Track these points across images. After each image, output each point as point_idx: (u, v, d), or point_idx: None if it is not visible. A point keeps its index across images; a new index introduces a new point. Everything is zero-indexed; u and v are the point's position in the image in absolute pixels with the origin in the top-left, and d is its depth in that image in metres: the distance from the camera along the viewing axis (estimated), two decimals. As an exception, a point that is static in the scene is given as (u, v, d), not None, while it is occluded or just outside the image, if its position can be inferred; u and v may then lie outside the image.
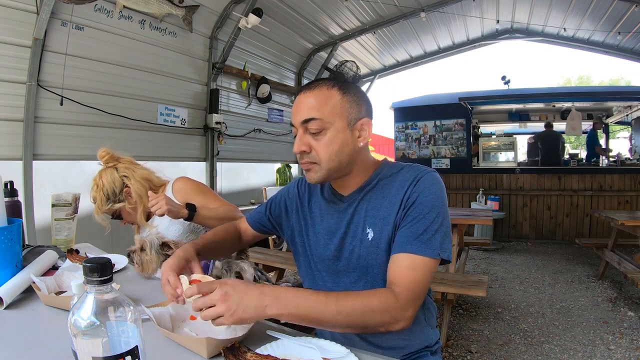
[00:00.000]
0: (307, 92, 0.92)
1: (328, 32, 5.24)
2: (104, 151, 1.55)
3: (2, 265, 1.01)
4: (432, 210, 0.87)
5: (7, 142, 2.51)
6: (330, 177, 0.94)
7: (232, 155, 4.39)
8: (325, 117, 0.89)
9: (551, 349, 2.48)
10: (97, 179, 1.53)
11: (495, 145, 7.07)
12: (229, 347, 0.71)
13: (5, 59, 2.45)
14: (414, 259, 0.83)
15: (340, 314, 0.75)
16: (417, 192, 0.88)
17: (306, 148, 0.91)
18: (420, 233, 0.85)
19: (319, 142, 0.90)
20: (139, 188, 1.52)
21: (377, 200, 0.94)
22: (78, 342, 0.46)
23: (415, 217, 0.86)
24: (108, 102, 3.04)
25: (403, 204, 0.89)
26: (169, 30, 3.50)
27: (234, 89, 4.43)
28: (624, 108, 6.94)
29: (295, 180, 1.17)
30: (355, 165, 0.95)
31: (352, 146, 0.92)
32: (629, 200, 5.49)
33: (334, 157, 0.91)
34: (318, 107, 0.89)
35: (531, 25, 6.04)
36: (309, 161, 0.92)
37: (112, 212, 1.56)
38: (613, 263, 3.41)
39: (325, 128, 0.89)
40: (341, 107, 0.91)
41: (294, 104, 0.95)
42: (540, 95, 6.52)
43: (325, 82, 0.93)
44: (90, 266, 0.47)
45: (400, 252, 0.85)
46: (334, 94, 0.91)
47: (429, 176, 0.92)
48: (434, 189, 0.90)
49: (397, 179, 0.94)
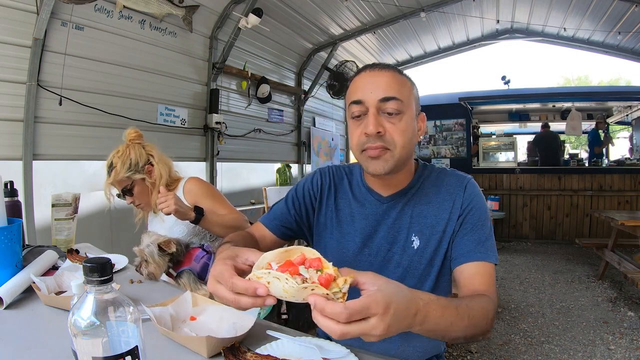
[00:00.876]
0: (383, 70, 0.84)
1: (328, 32, 5.23)
2: (135, 130, 1.57)
3: (2, 265, 1.01)
4: (487, 217, 0.88)
5: (7, 142, 2.50)
6: (396, 168, 0.85)
7: (232, 155, 4.39)
8: (404, 99, 0.82)
9: (551, 349, 2.48)
10: (121, 148, 1.53)
11: (495, 145, 7.07)
12: (229, 346, 0.71)
13: (5, 59, 2.45)
14: (486, 267, 0.82)
15: (469, 327, 0.68)
16: (469, 200, 0.87)
17: (382, 129, 0.81)
18: (484, 240, 0.84)
19: (394, 125, 0.82)
20: (162, 170, 1.53)
21: (423, 206, 0.89)
22: (78, 342, 0.46)
23: (475, 225, 0.85)
24: (108, 102, 3.03)
25: (458, 212, 0.86)
26: (169, 30, 3.50)
27: (234, 89, 4.43)
28: (624, 108, 6.95)
29: (315, 172, 1.03)
30: (408, 162, 0.89)
31: (416, 139, 0.87)
32: (629, 200, 5.49)
33: (407, 146, 0.83)
34: (398, 88, 0.82)
35: (531, 25, 6.03)
36: (382, 145, 0.82)
37: (126, 184, 1.52)
38: (613, 263, 3.41)
39: (402, 112, 0.82)
40: (413, 96, 0.86)
41: (362, 81, 0.84)
42: (540, 95, 6.53)
43: (390, 67, 0.86)
44: (90, 266, 0.46)
45: (472, 261, 0.83)
46: (406, 80, 0.86)
47: (473, 182, 0.91)
48: (481, 195, 0.90)
49: (441, 185, 0.90)
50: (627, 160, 6.67)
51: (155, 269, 1.21)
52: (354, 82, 0.86)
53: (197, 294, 0.95)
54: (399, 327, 0.56)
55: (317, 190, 0.99)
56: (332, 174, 1.02)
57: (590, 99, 6.75)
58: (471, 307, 0.70)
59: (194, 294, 0.93)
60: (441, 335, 0.66)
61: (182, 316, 0.87)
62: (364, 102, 0.82)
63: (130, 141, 1.56)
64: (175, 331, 0.80)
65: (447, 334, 0.66)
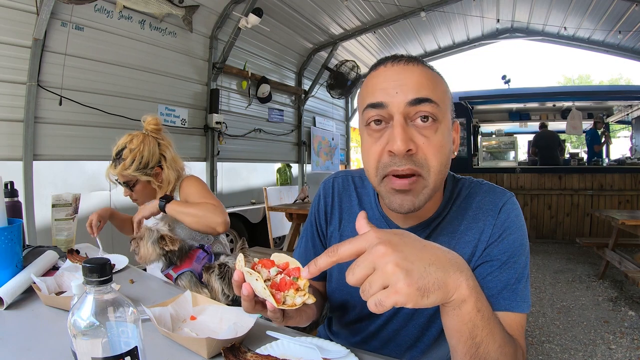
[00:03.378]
0: (411, 64, 0.62)
1: (328, 32, 5.23)
2: (155, 120, 1.47)
3: (3, 266, 1.01)
4: (522, 252, 0.67)
5: (7, 143, 2.51)
6: (428, 200, 0.63)
7: (232, 155, 4.39)
8: (440, 103, 0.61)
9: (552, 348, 2.48)
10: (136, 140, 1.42)
11: (496, 145, 7.06)
12: (229, 347, 0.70)
13: (5, 59, 2.45)
14: (514, 317, 0.63)
15: (501, 347, 0.54)
16: (502, 227, 0.67)
17: (413, 146, 0.60)
18: (513, 282, 0.64)
19: (429, 140, 0.60)
20: (170, 176, 1.47)
21: (445, 237, 0.70)
22: (78, 343, 0.46)
23: (505, 261, 0.65)
24: (108, 103, 3.04)
25: (484, 245, 0.67)
26: (169, 30, 3.50)
27: (234, 89, 4.43)
28: (624, 107, 6.94)
29: (319, 189, 0.88)
30: (440, 187, 0.68)
31: (451, 158, 0.66)
32: (629, 200, 5.49)
33: (444, 168, 0.62)
34: (432, 87, 0.61)
35: (531, 24, 6.03)
36: (413, 170, 0.60)
37: (130, 180, 1.45)
38: (614, 262, 3.40)
39: (438, 120, 0.61)
40: (449, 99, 0.65)
41: (381, 77, 0.62)
42: (541, 95, 6.52)
43: (419, 60, 0.65)
44: (89, 267, 0.46)
45: (496, 311, 0.62)
46: (439, 78, 0.65)
47: (512, 204, 0.70)
48: (521, 221, 0.69)
49: (469, 208, 0.71)
50: (628, 160, 6.67)
51: (145, 253, 1.17)
52: (371, 79, 0.65)
53: (197, 294, 0.95)
54: (424, 262, 0.46)
55: (323, 214, 0.84)
56: (338, 188, 0.84)
57: (591, 99, 6.75)
58: (506, 335, 0.57)
59: (194, 294, 0.93)
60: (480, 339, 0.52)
61: (182, 316, 0.87)
62: (386, 106, 0.60)
63: (148, 131, 1.47)
64: (175, 331, 0.80)
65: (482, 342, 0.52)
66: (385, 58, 0.66)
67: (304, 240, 0.89)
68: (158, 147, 1.47)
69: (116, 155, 1.43)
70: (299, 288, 0.55)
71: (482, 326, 0.52)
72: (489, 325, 0.53)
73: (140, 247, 1.19)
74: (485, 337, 0.53)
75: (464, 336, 0.52)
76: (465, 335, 0.52)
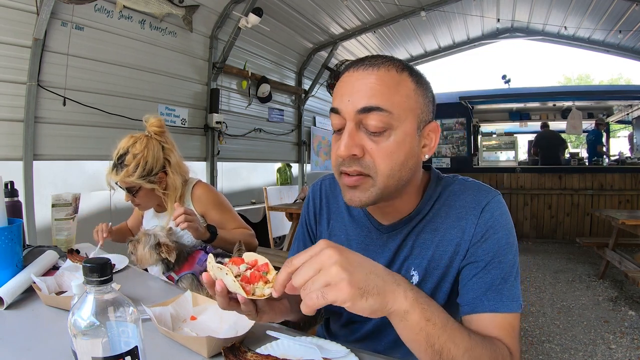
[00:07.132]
0: (369, 68, 0.64)
1: (328, 32, 5.23)
2: (159, 122, 1.41)
3: (3, 266, 1.01)
4: (507, 251, 0.67)
5: (7, 142, 2.50)
6: (381, 199, 0.67)
7: (232, 155, 4.39)
8: (394, 110, 0.62)
9: (552, 348, 2.48)
10: (139, 144, 1.35)
11: (496, 145, 7.07)
12: (229, 346, 0.70)
13: (5, 59, 2.45)
14: (502, 318, 0.64)
15: (468, 351, 0.55)
16: (485, 226, 0.68)
17: (359, 151, 0.64)
18: (498, 283, 0.65)
19: (378, 145, 0.63)
20: (176, 181, 1.41)
21: (427, 235, 0.73)
22: (78, 343, 0.46)
23: (489, 262, 0.67)
24: (108, 102, 3.04)
25: (467, 244, 0.69)
26: (169, 30, 3.50)
27: (234, 89, 4.43)
28: (624, 107, 6.94)
29: (308, 192, 0.92)
30: (410, 185, 0.70)
31: (417, 159, 0.68)
32: (629, 200, 5.49)
33: (396, 172, 0.65)
34: (386, 93, 0.62)
35: (532, 24, 6.03)
36: (359, 171, 0.64)
37: (133, 186, 1.37)
38: (614, 262, 3.40)
39: (391, 127, 0.63)
40: (415, 102, 0.65)
41: (343, 83, 0.66)
42: (541, 95, 6.53)
43: (393, 61, 0.65)
44: (90, 266, 0.46)
45: (480, 312, 0.65)
46: (405, 80, 0.65)
47: (496, 202, 0.71)
48: (506, 220, 0.70)
49: (452, 206, 0.72)
50: (628, 159, 6.67)
51: (142, 256, 1.16)
52: (337, 84, 0.68)
53: (198, 294, 0.95)
54: (363, 264, 0.51)
55: (312, 215, 0.88)
56: (325, 190, 0.88)
57: (591, 98, 6.75)
58: (478, 339, 0.58)
59: (194, 294, 0.93)
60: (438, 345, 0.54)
61: (182, 316, 0.87)
62: (340, 112, 0.65)
63: (151, 134, 1.40)
64: (175, 331, 0.80)
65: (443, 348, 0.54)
66: (354, 61, 0.68)
67: (297, 241, 0.94)
68: (162, 150, 1.41)
69: (118, 160, 1.36)
70: (267, 281, 0.59)
71: (438, 334, 0.54)
72: (446, 333, 0.54)
73: (137, 249, 1.19)
74: (445, 344, 0.54)
75: (422, 345, 0.54)
76: (422, 344, 0.54)
